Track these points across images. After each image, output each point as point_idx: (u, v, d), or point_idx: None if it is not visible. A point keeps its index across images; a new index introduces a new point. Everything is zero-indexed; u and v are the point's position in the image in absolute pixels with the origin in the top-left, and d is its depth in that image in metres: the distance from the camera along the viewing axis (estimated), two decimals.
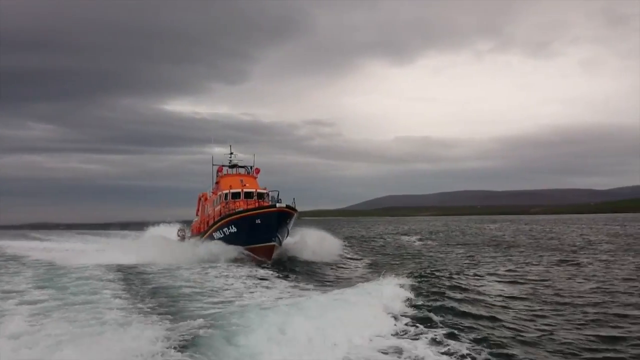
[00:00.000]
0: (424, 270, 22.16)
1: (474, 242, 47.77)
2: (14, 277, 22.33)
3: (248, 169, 38.48)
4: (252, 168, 38.60)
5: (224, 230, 30.31)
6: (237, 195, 33.02)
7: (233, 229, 29.62)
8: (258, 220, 27.92)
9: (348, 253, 36.62)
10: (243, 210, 29.28)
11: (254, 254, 28.28)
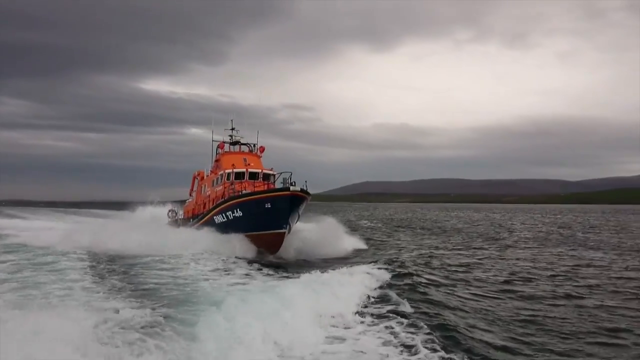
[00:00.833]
0: None
1: (419, 227, 48.35)
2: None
3: (251, 147, 35.26)
4: (255, 146, 35.34)
5: (228, 214, 27.36)
6: (240, 176, 30.05)
7: (238, 213, 26.64)
8: (268, 204, 25.11)
9: None
10: (251, 193, 26.49)
11: (260, 242, 25.57)
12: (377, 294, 13.82)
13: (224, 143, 34.68)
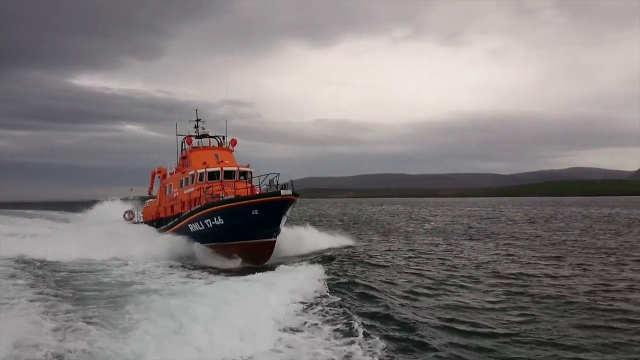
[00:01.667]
0: None
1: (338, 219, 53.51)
2: None
3: (220, 140, 31.48)
4: (225, 139, 31.34)
5: (206, 222, 24.13)
6: (214, 175, 26.73)
7: (219, 221, 23.57)
8: (255, 211, 22.51)
9: None
10: (236, 198, 23.46)
11: (245, 252, 23.14)
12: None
13: (190, 137, 30.78)
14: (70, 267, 21.21)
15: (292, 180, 23.72)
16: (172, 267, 21.67)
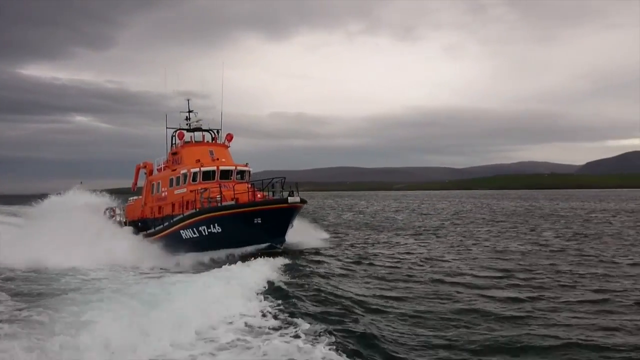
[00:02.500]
0: None
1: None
2: None
3: (215, 134, 28.55)
4: (219, 133, 28.50)
5: (201, 229, 22.11)
6: (209, 175, 24.59)
7: (216, 229, 21.62)
8: (258, 219, 20.83)
9: None
10: (235, 205, 21.41)
11: None
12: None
13: (182, 130, 28.25)
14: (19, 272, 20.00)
15: (297, 183, 22.64)
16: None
